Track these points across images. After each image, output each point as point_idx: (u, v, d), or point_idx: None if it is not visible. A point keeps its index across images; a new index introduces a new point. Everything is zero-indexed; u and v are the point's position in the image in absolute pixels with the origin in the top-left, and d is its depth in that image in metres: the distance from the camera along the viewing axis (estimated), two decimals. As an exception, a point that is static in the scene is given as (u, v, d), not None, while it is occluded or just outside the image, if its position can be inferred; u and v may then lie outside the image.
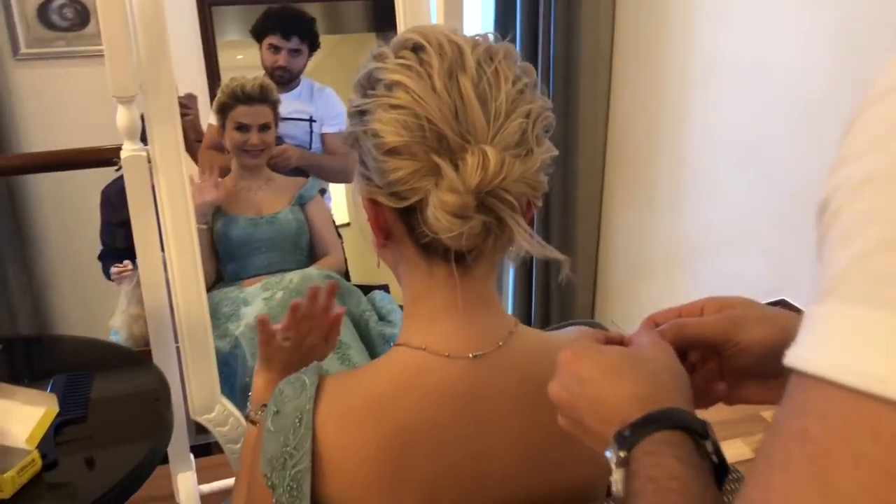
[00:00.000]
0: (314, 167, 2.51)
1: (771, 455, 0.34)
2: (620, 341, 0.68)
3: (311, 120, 2.71)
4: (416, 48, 0.75)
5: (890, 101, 0.34)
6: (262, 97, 2.22)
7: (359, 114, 0.78)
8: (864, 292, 0.32)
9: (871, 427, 0.30)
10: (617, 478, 0.55)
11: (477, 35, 0.79)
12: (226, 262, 2.24)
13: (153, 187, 1.57)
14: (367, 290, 2.17)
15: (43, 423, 1.20)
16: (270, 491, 0.80)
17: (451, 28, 0.78)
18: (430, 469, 0.80)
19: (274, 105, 2.26)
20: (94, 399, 1.32)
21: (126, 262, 2.33)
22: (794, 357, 0.34)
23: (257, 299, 2.05)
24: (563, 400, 0.62)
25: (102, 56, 1.45)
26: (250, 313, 2.01)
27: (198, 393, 1.66)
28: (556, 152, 0.79)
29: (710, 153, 2.52)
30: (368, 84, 0.77)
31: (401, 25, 1.61)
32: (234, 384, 1.94)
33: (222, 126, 2.25)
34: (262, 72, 2.69)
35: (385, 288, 2.29)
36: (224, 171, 2.32)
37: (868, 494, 0.30)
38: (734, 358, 0.66)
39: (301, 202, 2.31)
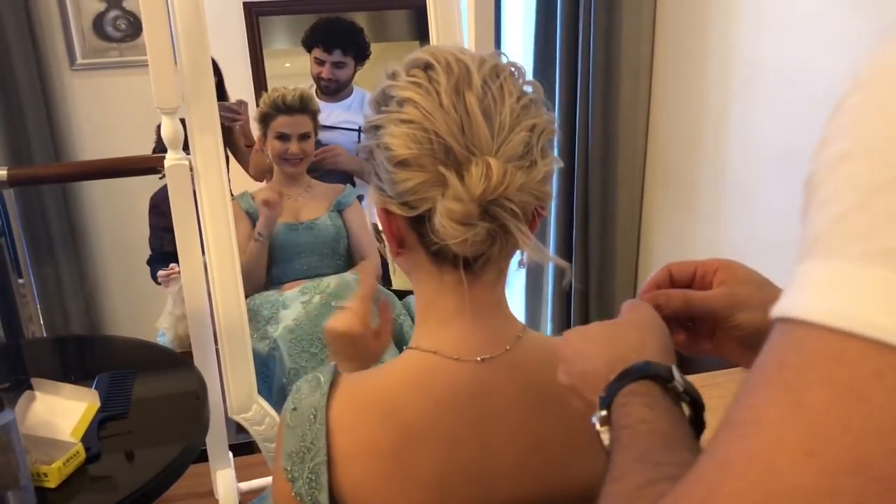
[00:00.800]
0: (360, 172, 2.57)
1: (752, 383, 0.38)
2: None
3: (359, 130, 2.77)
4: (426, 67, 0.80)
5: (864, 93, 0.39)
6: (301, 107, 2.28)
7: (373, 128, 0.82)
8: (838, 248, 0.36)
9: (840, 356, 0.34)
10: (605, 437, 0.60)
11: (485, 54, 0.82)
12: (266, 268, 2.31)
13: (195, 195, 1.63)
14: (402, 295, 2.22)
15: (86, 418, 1.26)
16: (290, 484, 0.85)
17: (460, 48, 0.83)
18: (439, 465, 0.84)
19: (314, 115, 2.33)
20: (135, 397, 1.39)
21: (173, 265, 2.41)
22: (776, 309, 0.38)
23: (295, 303, 2.11)
24: (567, 384, 0.68)
25: (150, 67, 1.52)
26: (289, 316, 2.07)
27: (235, 393, 1.72)
28: (561, 164, 0.83)
29: (752, 159, 2.50)
30: (382, 101, 0.82)
31: (433, 38, 1.65)
32: (271, 385, 2.00)
33: (264, 135, 2.32)
34: (310, 79, 2.76)
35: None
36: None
37: (835, 410, 0.34)
38: (728, 329, 0.74)
39: (339, 208, 2.37)
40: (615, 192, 3.04)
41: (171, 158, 1.59)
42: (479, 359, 0.84)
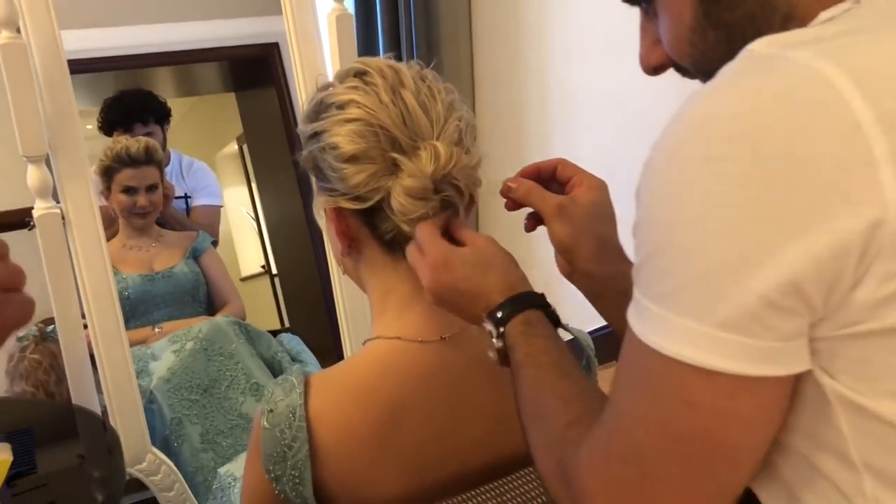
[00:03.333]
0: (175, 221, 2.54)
1: (620, 373, 0.59)
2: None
3: (186, 197, 2.73)
4: (360, 73, 0.87)
5: (651, 180, 0.55)
6: (147, 159, 2.26)
7: (313, 136, 0.88)
8: (641, 290, 0.56)
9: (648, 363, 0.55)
10: (493, 354, 0.77)
11: (407, 63, 0.91)
12: (125, 321, 2.23)
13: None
14: (275, 333, 2.24)
15: (0, 473, 1.19)
16: (272, 483, 0.88)
17: (385, 58, 0.91)
18: (415, 442, 0.90)
19: (159, 165, 2.30)
20: (40, 454, 1.33)
21: None
22: (630, 320, 0.58)
23: (166, 353, 2.06)
24: (436, 293, 0.82)
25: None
26: (161, 367, 2.02)
27: (127, 444, 1.66)
28: (484, 153, 0.94)
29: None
30: (320, 110, 0.88)
31: (297, 72, 1.72)
32: (154, 438, 1.94)
33: (108, 189, 2.26)
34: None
35: (289, 331, 2.36)
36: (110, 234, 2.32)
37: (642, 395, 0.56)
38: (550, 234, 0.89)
39: (195, 255, 2.35)
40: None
41: (41, 208, 1.54)
42: (441, 337, 0.90)
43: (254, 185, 4.26)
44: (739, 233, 0.50)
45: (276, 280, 4.16)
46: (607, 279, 0.84)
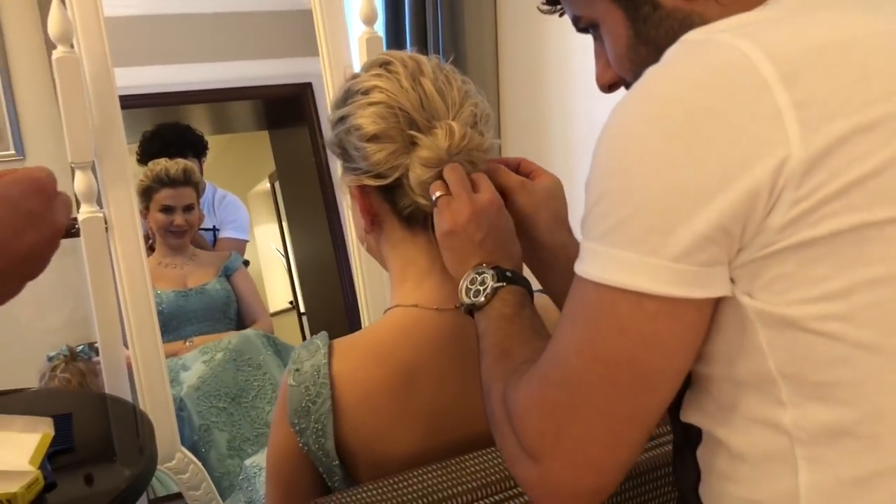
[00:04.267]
0: None
1: (566, 311, 0.67)
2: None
3: (214, 229, 2.81)
4: (384, 63, 0.96)
5: (601, 140, 0.64)
6: (185, 180, 2.37)
7: (340, 120, 0.96)
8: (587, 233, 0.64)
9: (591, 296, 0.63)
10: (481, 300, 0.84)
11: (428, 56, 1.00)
12: (158, 336, 2.31)
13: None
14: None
15: (42, 446, 1.26)
16: (297, 436, 0.94)
17: (409, 52, 1.00)
18: (431, 402, 0.96)
19: (196, 186, 2.41)
20: (77, 435, 1.39)
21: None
22: (575, 268, 0.65)
23: (197, 363, 2.14)
24: (474, 226, 0.88)
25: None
26: (192, 376, 2.09)
27: (158, 443, 1.72)
28: (499, 142, 1.02)
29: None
30: (346, 96, 0.97)
31: (326, 72, 1.83)
32: (182, 444, 2.00)
33: (146, 208, 2.37)
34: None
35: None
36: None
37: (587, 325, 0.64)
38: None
39: (227, 273, 2.44)
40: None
41: (86, 212, 1.63)
42: (455, 306, 0.95)
43: (284, 223, 4.36)
44: (673, 175, 0.59)
45: (304, 318, 4.21)
46: (559, 247, 0.93)
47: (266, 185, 4.91)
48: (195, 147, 2.81)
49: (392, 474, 0.93)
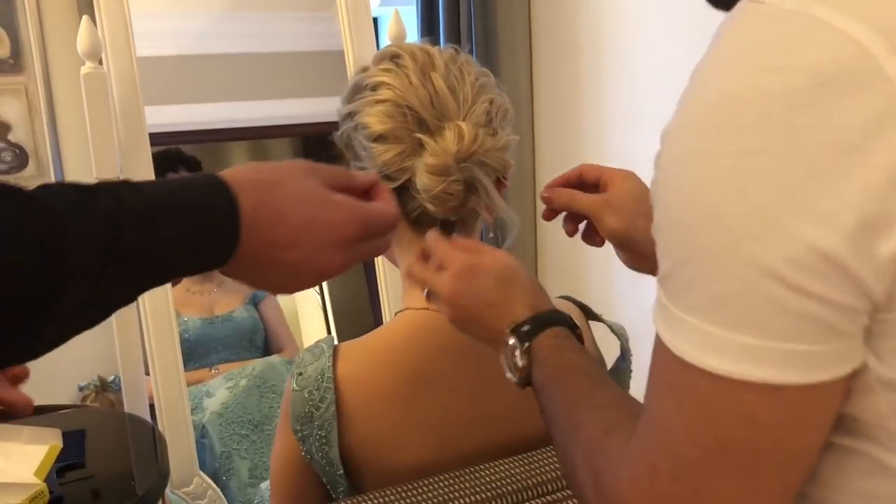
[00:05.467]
0: None
1: (651, 382, 0.53)
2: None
3: None
4: (393, 56, 0.92)
5: (670, 176, 0.49)
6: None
7: (348, 116, 0.93)
8: (672, 299, 0.49)
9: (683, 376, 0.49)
10: (511, 376, 0.73)
11: (443, 46, 0.96)
12: (184, 363, 2.29)
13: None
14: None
15: (49, 458, 1.23)
16: (300, 444, 0.89)
17: (420, 43, 0.96)
18: (440, 409, 0.90)
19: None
20: (89, 451, 1.36)
21: None
22: (659, 328, 0.51)
23: (220, 389, 2.10)
24: (458, 304, 0.78)
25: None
26: (215, 402, 2.06)
27: (176, 466, 1.68)
28: (518, 138, 0.97)
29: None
30: (355, 91, 0.93)
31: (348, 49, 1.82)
32: (203, 471, 1.96)
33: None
34: None
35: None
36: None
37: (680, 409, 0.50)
38: (601, 229, 0.89)
39: (255, 301, 2.41)
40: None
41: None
42: None
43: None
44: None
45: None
46: None
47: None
48: (187, 163, 2.81)
49: (400, 483, 0.87)
